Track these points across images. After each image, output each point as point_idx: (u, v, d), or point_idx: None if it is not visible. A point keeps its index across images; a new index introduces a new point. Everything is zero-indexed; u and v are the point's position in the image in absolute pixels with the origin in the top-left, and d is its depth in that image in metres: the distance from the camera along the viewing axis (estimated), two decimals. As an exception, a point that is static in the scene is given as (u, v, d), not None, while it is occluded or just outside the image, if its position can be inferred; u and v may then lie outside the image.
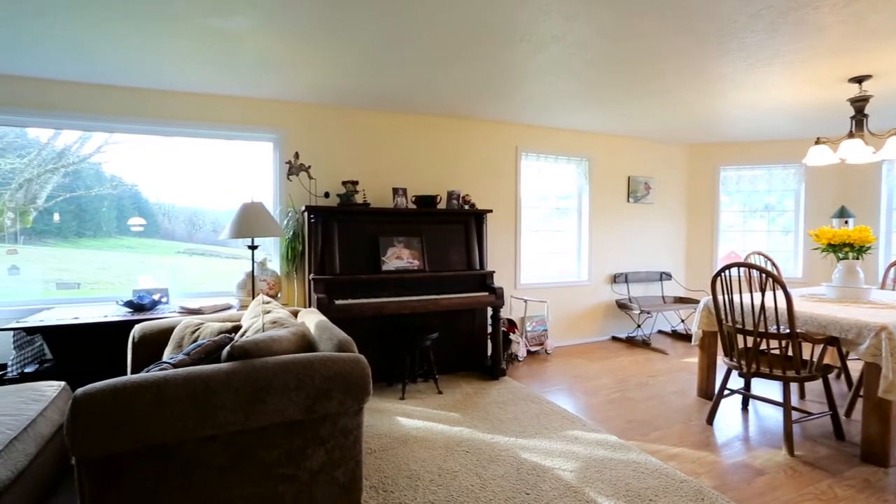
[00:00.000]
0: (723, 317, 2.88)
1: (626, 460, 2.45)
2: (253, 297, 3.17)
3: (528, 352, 4.61)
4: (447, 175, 4.41)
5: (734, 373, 2.91)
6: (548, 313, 4.76)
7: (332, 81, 3.33)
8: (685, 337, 5.28)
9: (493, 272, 3.95)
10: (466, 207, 4.05)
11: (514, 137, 4.69)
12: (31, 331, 2.70)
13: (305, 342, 1.98)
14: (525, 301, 4.61)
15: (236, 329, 2.38)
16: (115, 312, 3.00)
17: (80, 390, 1.43)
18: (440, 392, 3.49)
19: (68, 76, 3.15)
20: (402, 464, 2.42)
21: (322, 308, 3.16)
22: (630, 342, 5.10)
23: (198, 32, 2.52)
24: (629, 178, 5.33)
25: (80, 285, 3.48)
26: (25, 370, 2.82)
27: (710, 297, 2.97)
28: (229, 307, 3.27)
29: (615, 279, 5.26)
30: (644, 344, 4.95)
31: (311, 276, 3.46)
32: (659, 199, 5.54)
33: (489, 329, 4.04)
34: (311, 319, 2.35)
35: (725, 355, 2.89)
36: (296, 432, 1.72)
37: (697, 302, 5.06)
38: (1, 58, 2.80)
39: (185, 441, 1.54)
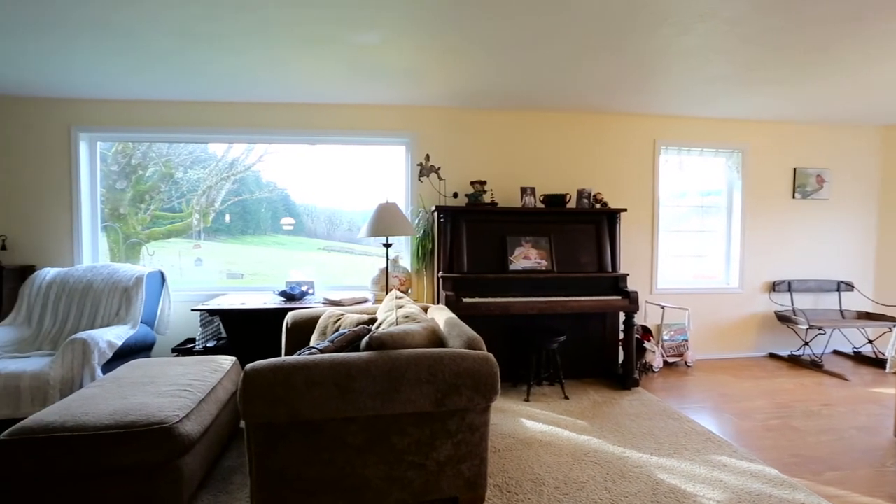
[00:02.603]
0: (934, 339, 2.29)
1: (791, 500, 2.08)
2: (386, 292, 3.37)
3: (665, 363, 4.20)
4: (577, 173, 4.22)
5: (951, 410, 2.30)
6: (689, 322, 4.29)
7: (463, 84, 3.40)
8: (874, 361, 4.34)
9: (627, 275, 3.68)
10: (598, 206, 3.84)
11: (652, 130, 4.31)
12: (211, 312, 3.25)
13: (436, 337, 2.04)
14: (662, 307, 4.21)
15: (372, 321, 2.55)
16: (272, 301, 3.44)
17: (249, 366, 1.64)
18: (566, 397, 3.35)
19: (238, 97, 3.69)
20: (526, 466, 2.36)
21: (450, 305, 3.24)
22: (794, 361, 4.36)
23: (342, 49, 2.76)
24: (795, 170, 4.56)
25: (244, 276, 4.07)
26: (208, 345, 3.38)
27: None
28: (365, 300, 3.53)
29: (774, 287, 4.54)
30: (814, 365, 4.19)
31: (440, 273, 3.57)
32: (836, 194, 4.65)
33: (621, 335, 3.77)
34: (441, 316, 2.42)
35: (938, 387, 2.30)
36: (426, 423, 1.77)
37: (894, 320, 4.15)
38: (188, 87, 3.39)
39: (329, 420, 1.68)
